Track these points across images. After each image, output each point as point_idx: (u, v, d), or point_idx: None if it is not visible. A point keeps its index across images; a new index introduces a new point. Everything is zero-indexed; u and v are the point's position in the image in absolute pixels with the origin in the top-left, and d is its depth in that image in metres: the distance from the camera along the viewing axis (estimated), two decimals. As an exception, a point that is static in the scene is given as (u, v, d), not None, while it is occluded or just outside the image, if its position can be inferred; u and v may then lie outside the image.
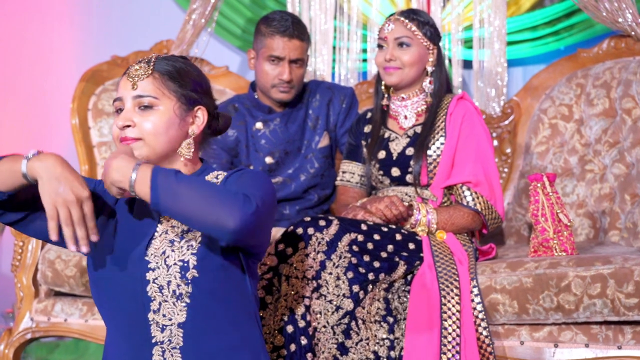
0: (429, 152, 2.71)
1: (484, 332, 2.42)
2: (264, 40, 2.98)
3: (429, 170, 2.71)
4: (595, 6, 3.20)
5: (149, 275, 1.78)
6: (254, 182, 1.78)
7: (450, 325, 2.35)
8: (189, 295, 1.76)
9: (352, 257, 2.36)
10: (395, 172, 2.76)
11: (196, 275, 1.76)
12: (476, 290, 2.45)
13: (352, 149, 2.94)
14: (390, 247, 2.44)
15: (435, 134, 2.73)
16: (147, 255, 1.79)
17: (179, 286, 1.76)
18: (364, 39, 3.72)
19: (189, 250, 1.78)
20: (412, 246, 2.50)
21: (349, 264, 2.35)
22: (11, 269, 3.04)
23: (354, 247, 2.38)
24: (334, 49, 3.70)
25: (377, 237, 2.43)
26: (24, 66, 4.19)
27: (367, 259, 2.38)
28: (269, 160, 3.03)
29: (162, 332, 1.78)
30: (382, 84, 2.84)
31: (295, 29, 2.96)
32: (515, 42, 3.61)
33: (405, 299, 2.44)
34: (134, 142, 1.81)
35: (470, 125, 2.71)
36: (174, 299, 1.77)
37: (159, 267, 1.78)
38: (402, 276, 2.46)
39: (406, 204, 2.60)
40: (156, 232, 1.82)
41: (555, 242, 2.61)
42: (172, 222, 1.82)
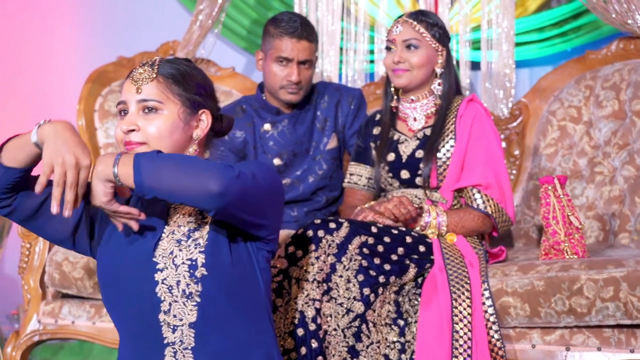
0: (439, 154, 2.70)
1: (496, 335, 2.40)
2: (272, 41, 2.96)
3: (438, 172, 2.70)
4: (604, 8, 3.18)
5: (158, 276, 1.77)
6: (249, 162, 1.79)
7: (461, 328, 2.34)
8: (198, 294, 1.76)
9: (362, 260, 2.35)
10: (404, 174, 2.75)
11: (205, 273, 1.76)
12: (487, 293, 2.44)
13: (360, 151, 2.92)
14: (400, 250, 2.43)
15: (445, 136, 2.72)
16: (155, 256, 1.79)
17: (188, 285, 1.76)
18: (371, 41, 3.71)
19: (196, 248, 1.78)
20: (422, 249, 2.49)
21: (360, 267, 2.34)
22: (18, 271, 3.03)
23: (365, 250, 2.36)
24: (341, 50, 3.69)
25: (387, 239, 2.42)
26: (24, 66, 4.17)
27: (377, 261, 2.37)
28: (277, 161, 3.02)
29: (173, 332, 1.78)
30: (391, 85, 2.83)
31: (303, 30, 2.95)
32: (522, 44, 3.60)
33: (416, 302, 2.42)
34: (138, 146, 1.81)
35: (480, 127, 2.70)
36: (184, 299, 1.76)
37: (167, 268, 1.77)
38: (413, 279, 2.45)
39: (416, 206, 2.59)
40: (163, 234, 1.81)
41: (566, 244, 2.60)
42: (179, 222, 1.82)
